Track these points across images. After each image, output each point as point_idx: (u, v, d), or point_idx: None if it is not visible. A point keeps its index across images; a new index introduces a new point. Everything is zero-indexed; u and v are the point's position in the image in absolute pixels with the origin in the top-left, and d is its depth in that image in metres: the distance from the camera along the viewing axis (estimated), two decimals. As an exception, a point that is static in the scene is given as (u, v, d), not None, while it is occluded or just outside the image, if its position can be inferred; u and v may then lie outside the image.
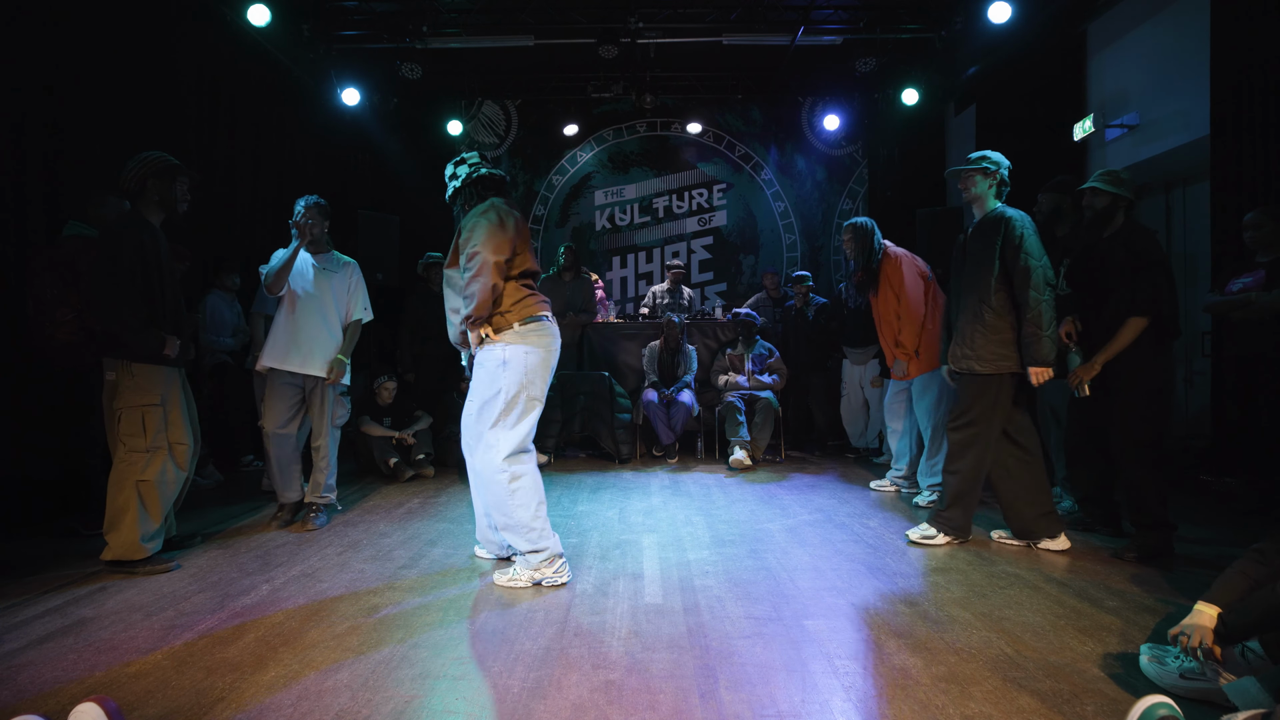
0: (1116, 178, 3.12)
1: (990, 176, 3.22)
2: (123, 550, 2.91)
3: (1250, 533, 3.43)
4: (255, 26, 5.34)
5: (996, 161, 3.22)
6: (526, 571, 2.79)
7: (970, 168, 3.24)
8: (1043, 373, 3.01)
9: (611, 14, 6.30)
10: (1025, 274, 3.01)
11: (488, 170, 2.93)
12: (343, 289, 3.79)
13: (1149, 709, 1.61)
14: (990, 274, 3.10)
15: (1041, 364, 3.00)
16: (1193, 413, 5.39)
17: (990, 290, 3.10)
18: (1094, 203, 3.16)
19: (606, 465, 5.46)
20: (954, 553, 3.20)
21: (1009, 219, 3.09)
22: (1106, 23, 5.49)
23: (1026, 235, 3.04)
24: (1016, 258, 3.03)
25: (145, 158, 3.06)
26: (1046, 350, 2.99)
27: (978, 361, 3.13)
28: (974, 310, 3.15)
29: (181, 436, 3.06)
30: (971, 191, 3.25)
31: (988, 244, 3.12)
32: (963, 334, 3.19)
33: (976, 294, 3.15)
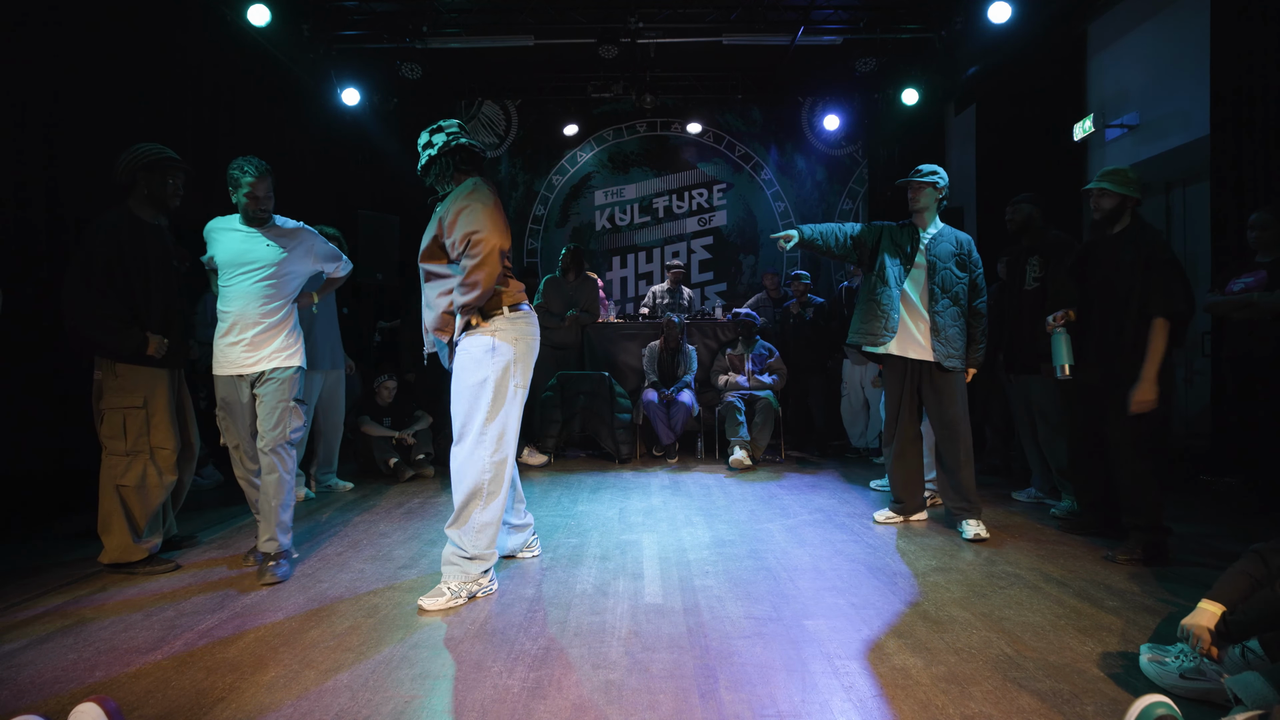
0: (1124, 177, 3.11)
1: (939, 191, 3.53)
2: (118, 553, 2.90)
3: (1250, 533, 3.43)
4: (255, 26, 5.34)
5: (944, 177, 3.55)
6: (464, 585, 2.59)
7: (924, 181, 3.50)
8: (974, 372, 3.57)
9: (611, 14, 6.31)
10: (981, 290, 3.51)
11: (467, 140, 2.73)
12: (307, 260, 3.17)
13: (1147, 708, 1.60)
14: (962, 284, 3.49)
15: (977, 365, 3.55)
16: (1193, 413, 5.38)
17: (963, 297, 3.48)
18: (1101, 204, 3.15)
19: (606, 465, 5.46)
20: (954, 553, 3.20)
21: (971, 240, 3.55)
22: (1106, 23, 5.49)
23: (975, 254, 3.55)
24: (979, 274, 3.53)
25: (135, 150, 2.97)
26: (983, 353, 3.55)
27: (960, 360, 3.47)
28: (952, 314, 3.46)
29: (165, 440, 2.96)
30: (921, 202, 3.53)
31: (961, 258, 3.50)
32: (945, 334, 3.45)
33: (952, 297, 3.47)
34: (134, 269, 2.92)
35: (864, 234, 3.66)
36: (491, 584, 2.70)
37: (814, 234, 3.66)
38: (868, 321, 3.56)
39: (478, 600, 2.62)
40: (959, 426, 3.47)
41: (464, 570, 2.62)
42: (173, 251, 3.12)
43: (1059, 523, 3.65)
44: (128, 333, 2.87)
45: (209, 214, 3.13)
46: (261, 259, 2.97)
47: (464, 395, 2.64)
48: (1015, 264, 3.99)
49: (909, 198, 3.56)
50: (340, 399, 4.61)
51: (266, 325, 2.96)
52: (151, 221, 3.03)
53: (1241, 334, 3.73)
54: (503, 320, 2.65)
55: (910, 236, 3.56)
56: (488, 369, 2.61)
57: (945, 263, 3.46)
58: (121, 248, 2.89)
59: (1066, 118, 5.77)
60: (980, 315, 3.49)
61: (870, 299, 3.57)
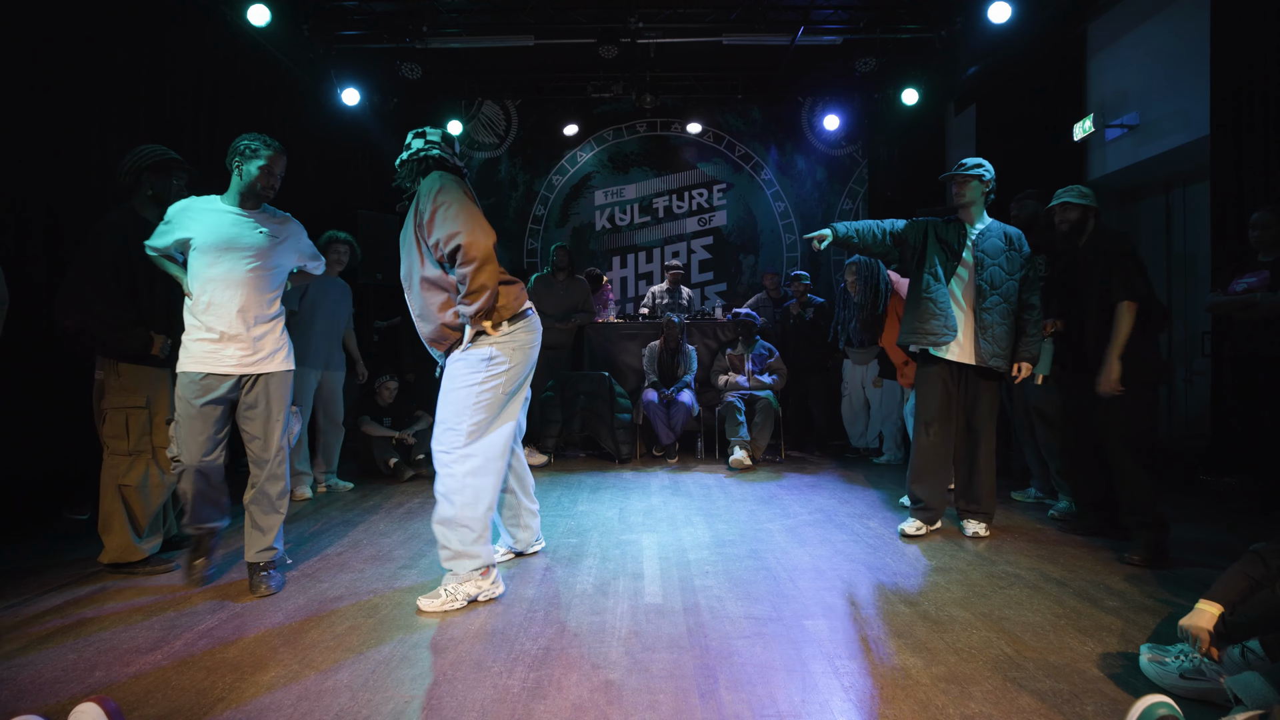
0: (1081, 191, 3.33)
1: (985, 184, 3.43)
2: (118, 553, 2.90)
3: (1250, 533, 3.43)
4: (255, 26, 5.34)
5: (990, 170, 3.44)
6: (460, 587, 2.55)
7: (968, 174, 3.41)
8: (1029, 369, 3.38)
9: (611, 14, 6.30)
10: (1036, 284, 3.40)
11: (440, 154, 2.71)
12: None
13: (1148, 709, 1.61)
14: (1015, 279, 3.38)
15: (1033, 361, 3.38)
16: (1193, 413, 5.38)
17: (1013, 294, 3.37)
18: (1066, 216, 3.33)
19: (606, 465, 5.46)
20: (954, 553, 3.20)
21: (1021, 234, 3.45)
22: (1106, 23, 5.49)
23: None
24: (1032, 268, 3.41)
25: (140, 151, 2.99)
26: (1037, 350, 3.38)
27: (1005, 361, 3.36)
28: (1002, 311, 3.35)
29: (167, 440, 2.95)
30: (966, 196, 3.42)
31: (1011, 253, 3.38)
32: (992, 333, 3.34)
33: (1002, 294, 3.36)
34: (138, 269, 2.92)
35: (907, 231, 3.52)
36: (495, 586, 2.63)
37: (849, 231, 3.53)
38: (924, 321, 3.37)
39: (479, 602, 2.62)
40: (984, 430, 3.44)
41: (454, 568, 2.57)
42: None
43: (1058, 523, 3.65)
44: (132, 332, 2.88)
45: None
46: (255, 244, 2.76)
47: (451, 399, 2.58)
48: None
49: (954, 192, 3.46)
50: (339, 399, 4.61)
51: (269, 319, 2.78)
52: (155, 222, 3.03)
53: (1243, 334, 3.72)
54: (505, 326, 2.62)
55: (956, 233, 3.44)
56: (481, 375, 2.57)
57: (994, 258, 3.36)
58: (126, 248, 2.90)
59: (1066, 118, 5.76)
60: (1033, 308, 3.36)
61: (922, 298, 3.40)
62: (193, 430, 2.66)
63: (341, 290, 4.57)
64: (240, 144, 2.83)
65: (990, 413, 3.43)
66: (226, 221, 2.76)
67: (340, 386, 4.62)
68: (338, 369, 4.56)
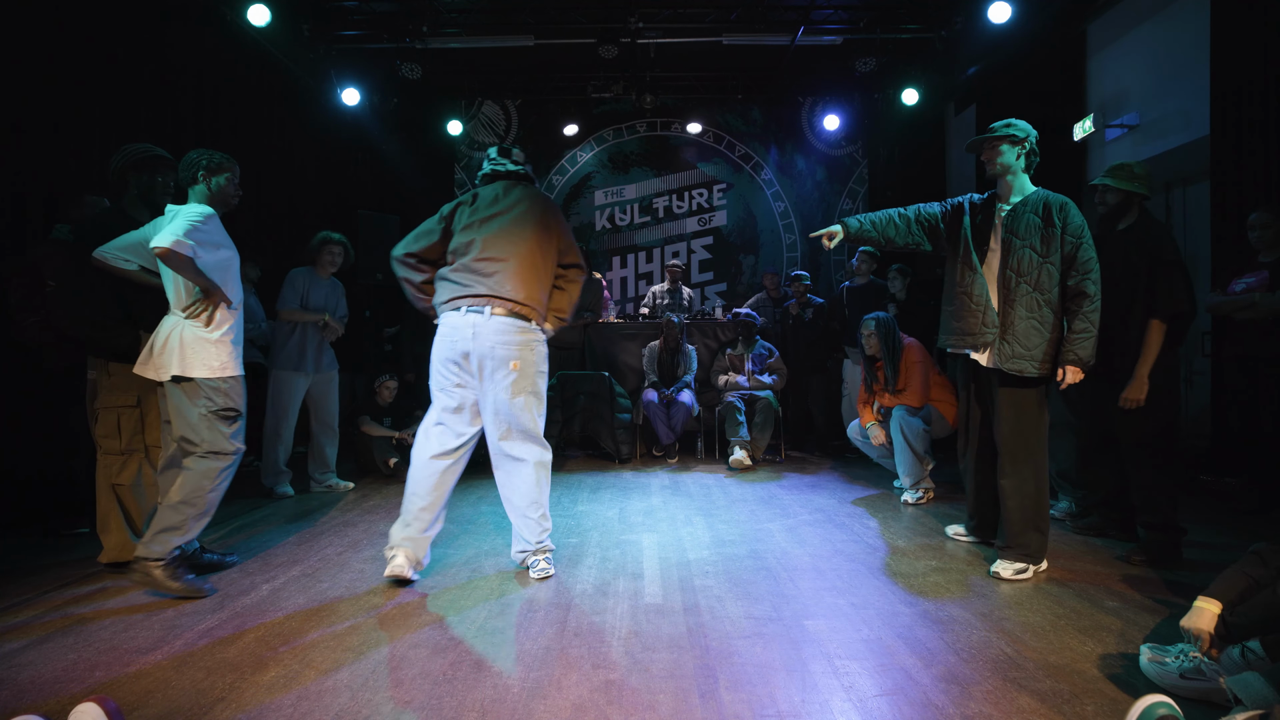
0: (1129, 173, 3.06)
1: (1019, 145, 2.85)
2: (117, 553, 2.90)
3: (1250, 533, 3.43)
4: (255, 26, 5.34)
5: (1025, 129, 2.84)
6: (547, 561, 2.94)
7: (995, 136, 2.86)
8: (1077, 374, 2.72)
9: (611, 14, 6.31)
10: (1088, 266, 2.73)
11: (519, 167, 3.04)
12: None
13: (1148, 708, 1.61)
14: (1050, 264, 2.76)
15: (1082, 365, 2.71)
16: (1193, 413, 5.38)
17: (1051, 282, 2.76)
18: (1106, 199, 3.14)
19: (606, 465, 5.46)
20: (954, 553, 3.20)
21: (1068, 204, 2.79)
22: (1106, 23, 5.49)
23: (1085, 225, 2.77)
24: (1079, 248, 2.74)
25: (126, 150, 2.96)
26: (1091, 350, 2.72)
27: (1033, 363, 2.77)
28: (1029, 304, 2.78)
29: (159, 440, 2.96)
30: (999, 163, 2.86)
31: (1045, 229, 2.77)
32: (1014, 330, 2.79)
33: (1030, 283, 2.78)
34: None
35: (943, 213, 3.03)
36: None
37: (864, 225, 3.05)
38: (961, 319, 2.92)
39: (478, 603, 2.62)
40: (1006, 450, 2.87)
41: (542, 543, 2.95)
42: None
43: (1068, 524, 3.63)
44: (120, 331, 2.86)
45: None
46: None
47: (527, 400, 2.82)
48: None
49: (983, 162, 2.94)
50: (332, 401, 4.58)
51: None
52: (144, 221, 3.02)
53: (1243, 334, 3.73)
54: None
55: (986, 211, 2.94)
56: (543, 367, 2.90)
57: (1025, 239, 2.79)
58: None
59: (1066, 118, 5.77)
60: (1084, 296, 2.71)
61: (959, 292, 2.93)
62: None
63: (332, 287, 4.57)
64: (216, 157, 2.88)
65: (1015, 429, 2.84)
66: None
67: (333, 387, 4.59)
68: (330, 368, 4.55)
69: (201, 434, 2.70)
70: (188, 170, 2.81)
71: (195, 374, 2.69)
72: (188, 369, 2.68)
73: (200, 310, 2.72)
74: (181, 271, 2.60)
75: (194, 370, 2.69)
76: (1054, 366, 2.78)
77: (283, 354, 4.37)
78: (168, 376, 2.69)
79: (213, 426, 2.71)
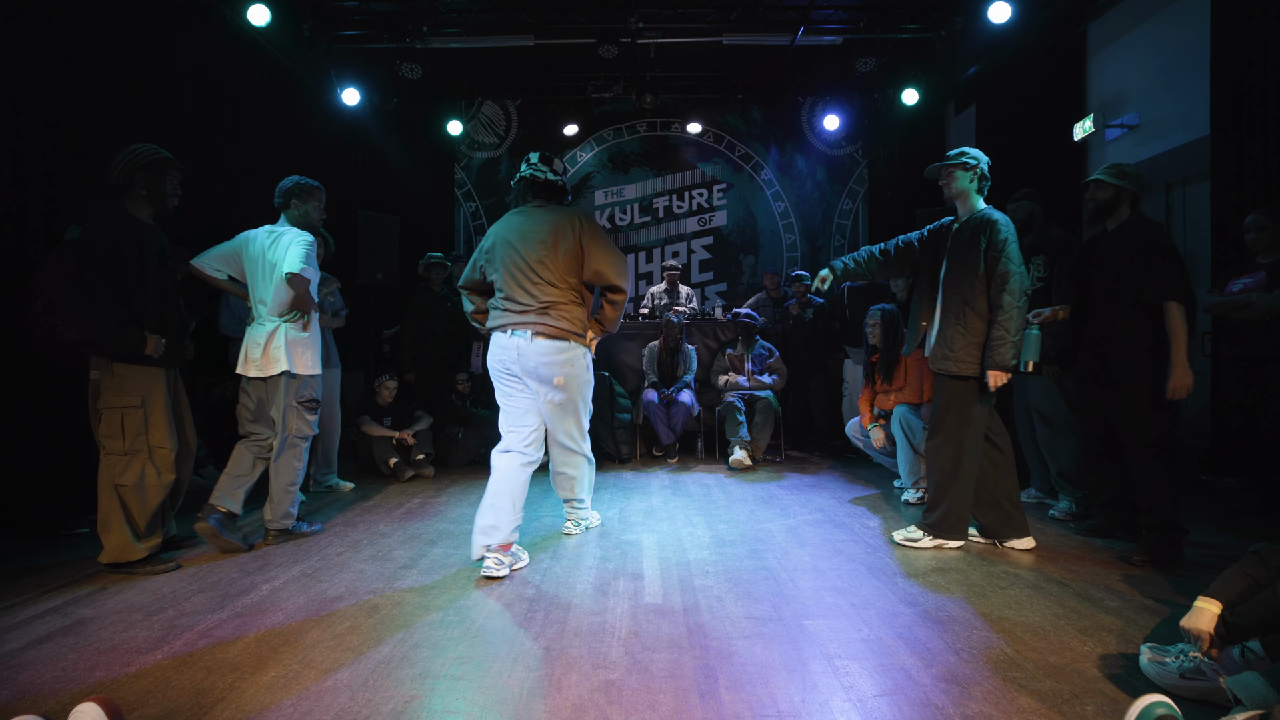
0: (1121, 170, 3.12)
1: (971, 171, 3.18)
2: (117, 553, 2.90)
3: (1250, 533, 3.43)
4: (255, 26, 5.34)
5: (975, 156, 3.19)
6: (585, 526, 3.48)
7: (950, 163, 3.20)
8: (1000, 377, 3.02)
9: (611, 14, 6.31)
10: (1004, 278, 3.01)
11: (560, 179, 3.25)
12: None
13: (1147, 708, 1.61)
14: (975, 276, 3.08)
15: (1000, 368, 3.01)
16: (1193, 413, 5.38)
17: (975, 293, 3.08)
18: (1097, 195, 3.16)
19: (606, 465, 5.46)
20: (954, 553, 3.20)
21: (994, 222, 3.09)
22: (1106, 23, 5.49)
23: (1010, 241, 3.05)
24: (998, 262, 3.03)
25: (133, 150, 2.96)
26: (1008, 356, 3.00)
27: (955, 363, 3.11)
28: (957, 311, 3.13)
29: (163, 440, 2.97)
30: (953, 188, 3.21)
31: (973, 245, 3.10)
32: (943, 334, 3.17)
33: (960, 295, 3.12)
34: (130, 268, 2.91)
35: (920, 239, 3.38)
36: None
37: (849, 264, 3.43)
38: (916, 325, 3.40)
39: (478, 603, 2.62)
40: (937, 436, 3.20)
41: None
42: (168, 252, 3.12)
43: (1058, 523, 3.64)
44: (124, 332, 2.86)
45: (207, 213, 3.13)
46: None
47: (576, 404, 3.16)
48: None
49: (940, 186, 3.27)
50: (335, 399, 4.59)
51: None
52: (147, 221, 3.03)
53: (1242, 334, 3.72)
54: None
55: (941, 232, 3.30)
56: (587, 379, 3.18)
57: (958, 255, 3.14)
58: (118, 247, 2.88)
59: (1066, 118, 5.77)
60: (999, 308, 3.01)
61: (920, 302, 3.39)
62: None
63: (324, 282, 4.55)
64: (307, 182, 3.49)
65: (943, 419, 3.18)
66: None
67: (336, 383, 4.60)
68: (334, 365, 4.55)
69: (291, 421, 3.34)
70: (282, 196, 3.43)
71: (298, 370, 3.32)
72: (294, 366, 3.30)
73: (299, 317, 3.33)
74: (301, 291, 3.23)
75: (297, 367, 3.32)
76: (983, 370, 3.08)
77: None
78: (278, 371, 3.28)
79: (300, 415, 3.35)
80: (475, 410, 5.49)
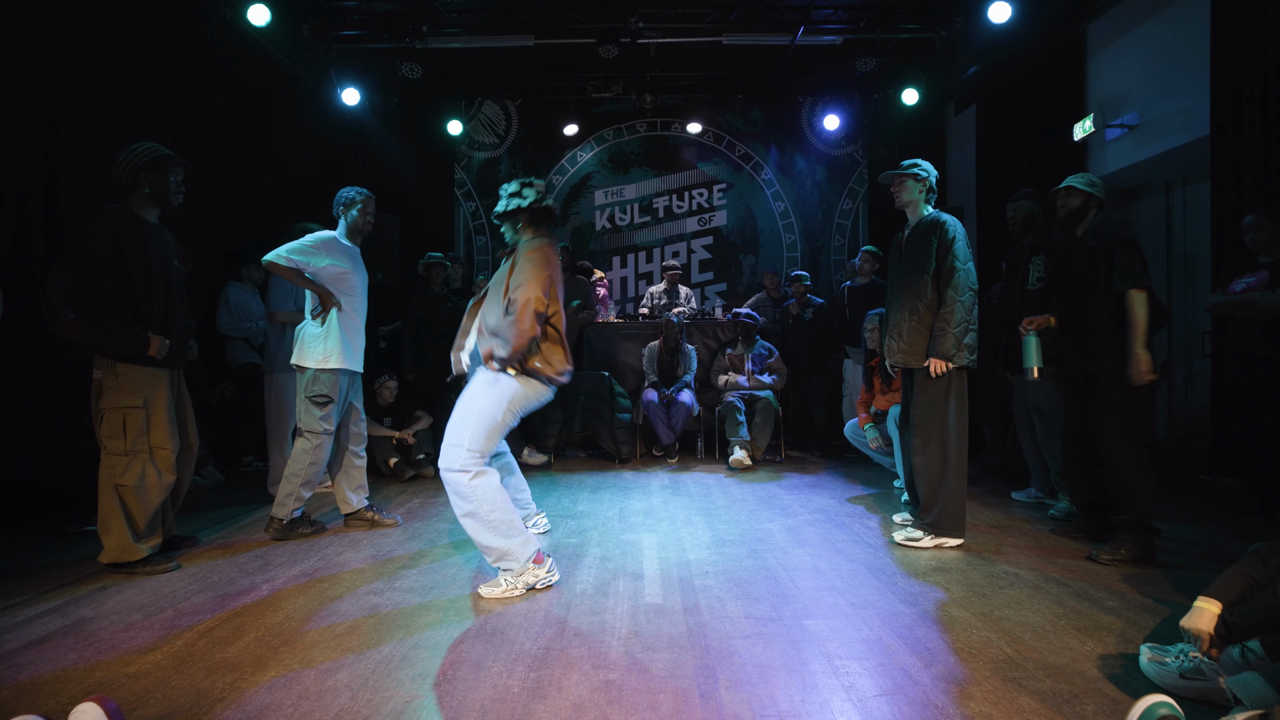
0: (1090, 180, 3.27)
1: (921, 183, 3.38)
2: (117, 553, 2.90)
3: (1250, 533, 3.43)
4: (255, 26, 5.34)
5: (927, 170, 3.39)
6: (518, 577, 2.69)
7: (903, 173, 3.40)
8: (940, 365, 3.19)
9: (611, 14, 6.31)
10: (950, 274, 3.21)
11: (550, 203, 2.95)
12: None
13: (1149, 708, 1.61)
14: (925, 273, 3.26)
15: (942, 357, 3.18)
16: (1193, 413, 5.38)
17: (926, 288, 3.26)
18: (1068, 202, 3.28)
19: (606, 465, 5.46)
20: (953, 553, 3.20)
21: (943, 223, 3.28)
22: (1106, 23, 5.49)
23: (958, 240, 3.24)
24: (945, 258, 3.23)
25: (135, 149, 2.96)
26: (949, 346, 3.17)
27: (912, 356, 3.28)
28: (910, 307, 3.30)
29: (164, 440, 2.97)
30: (903, 197, 3.41)
31: (924, 246, 3.28)
32: (899, 329, 3.34)
33: (912, 292, 3.30)
34: (136, 268, 2.91)
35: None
36: (550, 574, 2.78)
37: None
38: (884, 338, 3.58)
39: (478, 603, 2.62)
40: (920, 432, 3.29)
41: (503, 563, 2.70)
42: (173, 251, 3.12)
43: (1058, 523, 3.64)
44: (129, 333, 2.87)
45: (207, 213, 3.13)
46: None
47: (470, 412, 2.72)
48: (1017, 263, 3.97)
49: (891, 193, 3.49)
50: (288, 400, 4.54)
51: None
52: (151, 221, 3.03)
53: (1243, 334, 3.73)
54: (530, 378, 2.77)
55: (898, 240, 3.51)
56: (500, 398, 2.72)
57: (910, 256, 3.34)
58: (123, 247, 2.87)
59: (1066, 118, 5.77)
60: (942, 302, 3.21)
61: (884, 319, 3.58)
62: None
63: None
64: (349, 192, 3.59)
65: (928, 414, 3.26)
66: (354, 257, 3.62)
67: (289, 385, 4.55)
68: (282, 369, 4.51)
69: (300, 415, 3.47)
70: (335, 205, 3.60)
71: (303, 363, 3.44)
72: (300, 358, 3.45)
73: (318, 312, 3.44)
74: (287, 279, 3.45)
75: (303, 360, 3.44)
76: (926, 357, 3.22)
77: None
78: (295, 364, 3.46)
79: (308, 409, 3.44)
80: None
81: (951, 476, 3.24)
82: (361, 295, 3.62)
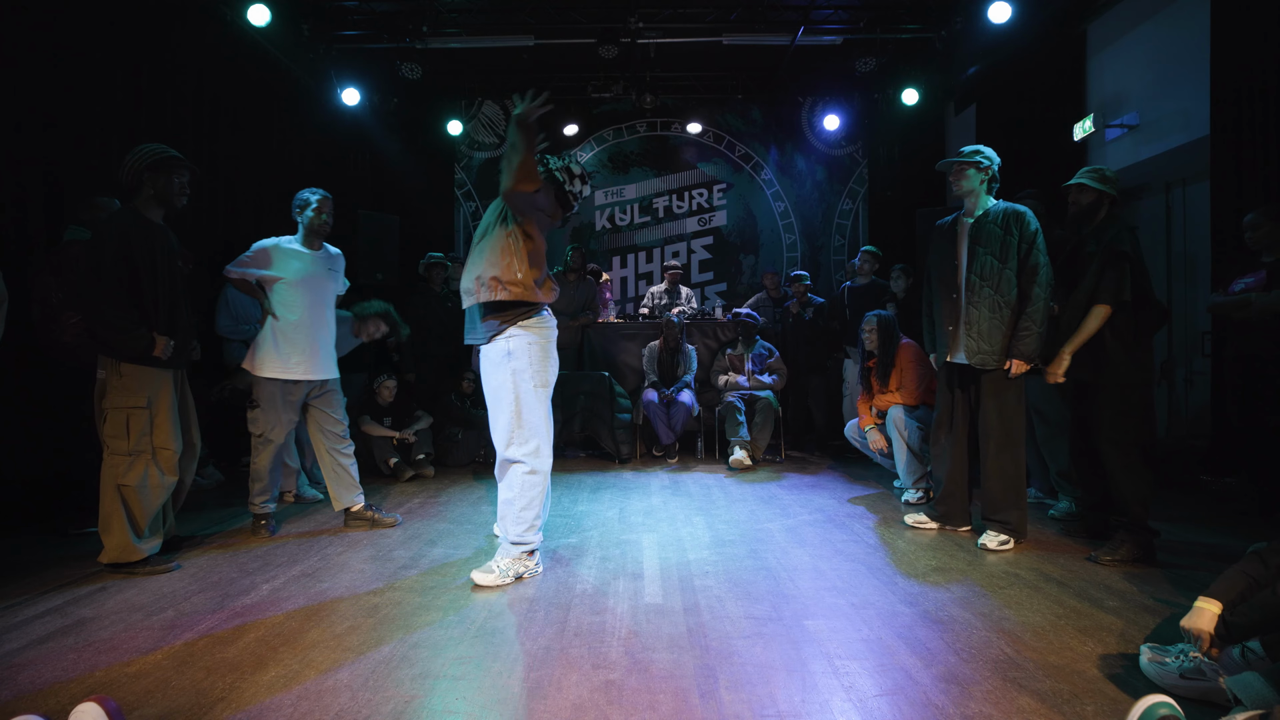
0: (1102, 175, 3.19)
1: (983, 171, 3.25)
2: (118, 553, 2.90)
3: (1250, 533, 3.43)
4: (255, 26, 5.34)
5: (990, 157, 3.26)
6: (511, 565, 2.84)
7: (964, 160, 3.26)
8: (1021, 366, 3.12)
9: (611, 14, 6.30)
10: (1034, 270, 3.10)
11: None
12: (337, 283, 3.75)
13: (1150, 708, 1.61)
14: (1009, 268, 3.13)
15: (1024, 358, 3.10)
16: (1193, 413, 5.38)
17: (1010, 284, 3.13)
18: (1080, 199, 3.22)
19: (606, 465, 5.46)
20: (954, 553, 3.20)
21: (1024, 215, 3.16)
22: (1106, 23, 5.49)
23: (1039, 233, 3.13)
24: (1029, 253, 3.11)
25: (141, 151, 2.97)
26: (1034, 346, 3.09)
27: (993, 356, 3.16)
28: (992, 304, 3.15)
29: (167, 441, 2.97)
30: (963, 185, 3.27)
31: (1003, 238, 3.15)
32: (977, 327, 3.17)
33: (991, 287, 3.16)
34: (142, 269, 2.92)
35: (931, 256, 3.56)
36: (538, 567, 2.93)
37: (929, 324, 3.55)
38: (929, 332, 3.52)
39: (478, 603, 2.62)
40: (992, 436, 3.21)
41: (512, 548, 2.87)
42: (178, 252, 3.12)
43: (1058, 524, 3.64)
44: (136, 333, 2.88)
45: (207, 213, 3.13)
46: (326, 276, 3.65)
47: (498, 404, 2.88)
48: None
49: (951, 182, 3.34)
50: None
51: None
52: (157, 222, 3.04)
53: (1243, 334, 3.73)
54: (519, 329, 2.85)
55: (952, 230, 3.35)
56: (504, 372, 2.83)
57: (987, 247, 3.17)
58: (130, 248, 2.89)
59: (1066, 118, 5.77)
60: (1027, 298, 3.09)
61: (927, 314, 3.52)
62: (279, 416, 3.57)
63: None
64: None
65: (998, 418, 3.19)
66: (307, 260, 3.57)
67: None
68: None
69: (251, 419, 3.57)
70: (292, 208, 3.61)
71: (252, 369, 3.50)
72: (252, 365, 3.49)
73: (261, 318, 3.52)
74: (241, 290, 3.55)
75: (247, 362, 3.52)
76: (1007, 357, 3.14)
77: None
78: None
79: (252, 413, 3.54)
80: (475, 411, 5.48)
81: (1024, 480, 3.27)
82: (311, 302, 3.50)
